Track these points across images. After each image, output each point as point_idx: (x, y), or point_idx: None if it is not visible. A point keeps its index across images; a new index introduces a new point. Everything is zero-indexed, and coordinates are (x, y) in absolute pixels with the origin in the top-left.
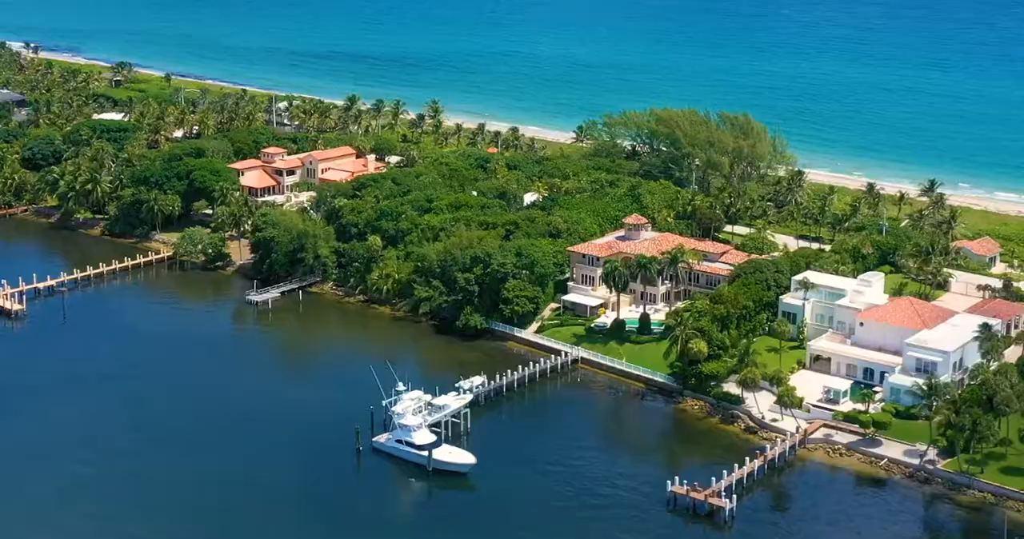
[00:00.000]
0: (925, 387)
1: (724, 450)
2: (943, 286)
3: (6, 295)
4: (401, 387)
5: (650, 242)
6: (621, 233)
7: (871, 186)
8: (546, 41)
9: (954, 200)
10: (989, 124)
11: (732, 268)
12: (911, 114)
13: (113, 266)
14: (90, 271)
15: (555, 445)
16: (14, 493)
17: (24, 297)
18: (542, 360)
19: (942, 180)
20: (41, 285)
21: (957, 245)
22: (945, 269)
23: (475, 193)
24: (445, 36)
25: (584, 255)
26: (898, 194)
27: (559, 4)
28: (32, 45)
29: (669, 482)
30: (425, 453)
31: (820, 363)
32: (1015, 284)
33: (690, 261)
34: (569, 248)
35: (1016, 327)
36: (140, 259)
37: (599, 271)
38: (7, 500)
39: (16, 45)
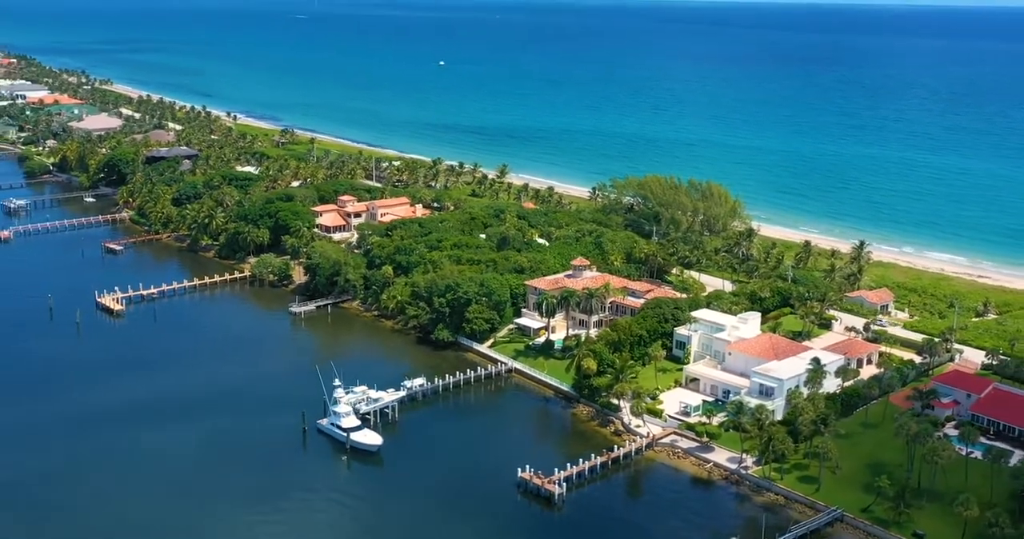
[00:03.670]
0: (733, 407)
1: (591, 447)
2: (827, 326)
3: (116, 299)
4: (337, 382)
5: (589, 280)
6: (571, 272)
7: (807, 243)
8: (626, 122)
9: (887, 257)
10: (952, 199)
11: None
12: (888, 190)
13: (204, 280)
14: (185, 283)
15: (460, 434)
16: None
17: (128, 301)
18: (478, 368)
19: (888, 241)
20: (144, 292)
21: (858, 294)
22: (829, 312)
23: (483, 236)
24: (550, 116)
25: (536, 288)
26: (830, 250)
27: (658, 94)
28: (232, 114)
29: (519, 469)
30: (346, 434)
31: (694, 383)
32: (885, 327)
33: (607, 296)
34: (526, 282)
35: (870, 363)
36: (227, 276)
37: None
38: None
39: (222, 113)
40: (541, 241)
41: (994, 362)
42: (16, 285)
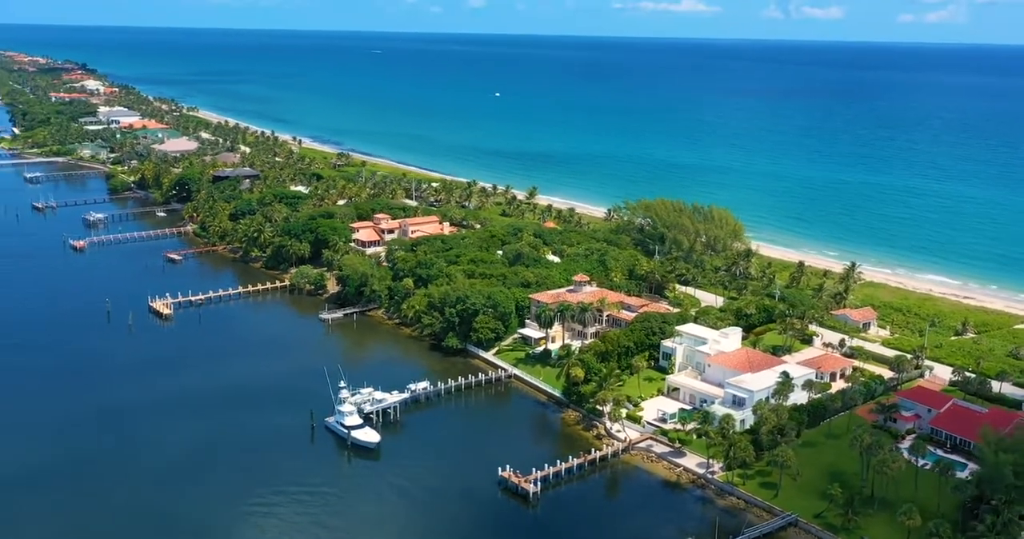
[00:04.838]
0: (700, 416)
1: (575, 449)
2: (808, 341)
3: (166, 304)
4: (343, 384)
5: (587, 294)
6: (572, 287)
7: (801, 263)
8: (658, 149)
9: (879, 277)
10: (950, 225)
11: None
12: (890, 216)
13: (248, 288)
14: (230, 291)
15: (455, 434)
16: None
17: (177, 306)
18: (479, 374)
19: (882, 263)
20: (193, 298)
21: (842, 312)
22: (811, 328)
23: (499, 253)
24: (586, 143)
25: (538, 301)
26: (823, 270)
27: (691, 124)
28: (297, 138)
29: (500, 468)
30: (347, 431)
31: (675, 392)
32: (860, 343)
33: (601, 309)
34: (531, 295)
35: (843, 377)
36: (268, 285)
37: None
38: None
39: (288, 138)
40: (552, 258)
41: (959, 379)
42: (81, 290)
